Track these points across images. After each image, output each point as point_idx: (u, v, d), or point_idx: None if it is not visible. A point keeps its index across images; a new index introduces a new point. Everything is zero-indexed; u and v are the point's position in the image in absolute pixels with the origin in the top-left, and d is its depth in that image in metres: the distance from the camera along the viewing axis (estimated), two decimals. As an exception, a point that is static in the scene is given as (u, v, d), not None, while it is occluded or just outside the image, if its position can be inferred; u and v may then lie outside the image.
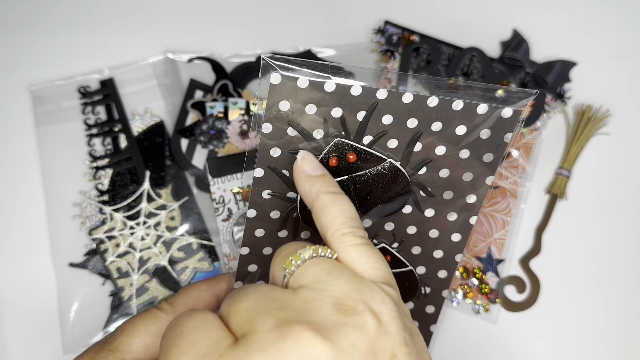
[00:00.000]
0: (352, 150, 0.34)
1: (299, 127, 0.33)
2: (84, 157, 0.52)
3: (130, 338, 0.32)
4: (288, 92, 0.32)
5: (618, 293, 0.50)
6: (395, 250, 0.38)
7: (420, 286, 0.38)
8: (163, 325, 0.33)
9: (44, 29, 0.54)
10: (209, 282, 0.36)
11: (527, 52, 0.52)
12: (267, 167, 0.34)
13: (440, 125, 0.34)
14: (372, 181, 0.35)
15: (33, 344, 0.49)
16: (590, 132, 0.51)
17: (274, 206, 0.35)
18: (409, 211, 0.36)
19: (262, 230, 0.36)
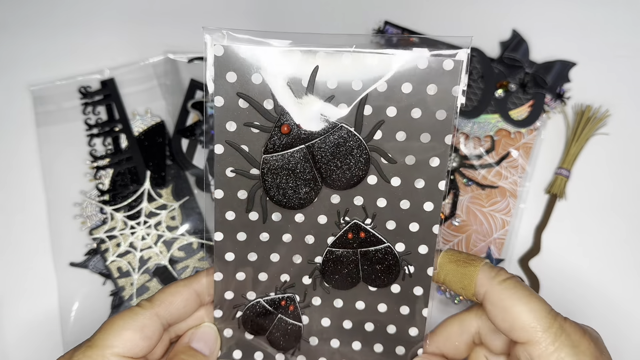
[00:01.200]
0: None
1: (249, 98, 0.34)
2: (85, 157, 0.52)
3: (108, 333, 0.33)
4: (232, 62, 0.33)
5: (618, 293, 0.50)
6: (369, 227, 0.37)
7: (403, 265, 0.37)
8: (142, 320, 0.34)
9: (45, 29, 0.54)
10: (189, 278, 0.37)
11: (527, 52, 0.52)
12: (226, 143, 0.35)
13: (385, 86, 0.34)
14: (329, 149, 0.35)
15: (33, 344, 0.49)
16: (589, 132, 0.51)
17: (239, 185, 0.36)
18: (375, 182, 0.35)
19: (233, 213, 0.36)
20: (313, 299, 0.38)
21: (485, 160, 0.51)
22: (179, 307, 0.36)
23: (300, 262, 0.37)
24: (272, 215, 0.36)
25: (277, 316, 0.38)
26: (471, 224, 0.50)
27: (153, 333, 0.35)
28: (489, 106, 0.51)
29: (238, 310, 0.38)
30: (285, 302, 0.38)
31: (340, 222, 0.36)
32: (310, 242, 0.37)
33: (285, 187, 0.36)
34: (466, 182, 0.51)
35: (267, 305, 0.38)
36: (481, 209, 0.50)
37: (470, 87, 0.52)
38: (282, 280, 0.38)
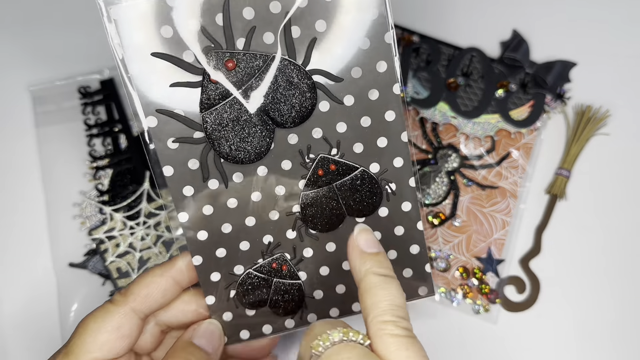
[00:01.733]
0: (229, 57, 0.31)
1: (165, 56, 0.31)
2: (84, 157, 0.52)
3: (83, 338, 0.32)
4: (135, 22, 0.30)
5: (618, 293, 0.50)
6: (337, 157, 0.34)
7: (384, 185, 0.35)
8: (116, 318, 0.32)
9: (44, 29, 0.54)
10: (163, 265, 0.35)
11: (527, 53, 0.52)
12: (158, 112, 0.32)
13: (306, 1, 0.31)
14: (270, 85, 0.32)
15: (33, 344, 0.49)
16: (590, 133, 0.51)
17: (186, 154, 0.33)
18: (328, 108, 0.33)
19: (190, 188, 0.33)
20: (304, 251, 0.36)
21: (485, 161, 0.51)
22: (156, 299, 0.34)
23: (278, 218, 0.35)
24: (233, 177, 0.34)
25: (273, 281, 0.36)
26: (471, 225, 0.50)
27: (131, 331, 0.33)
28: (489, 106, 0.51)
29: (230, 290, 0.36)
30: (276, 264, 0.36)
31: (306, 161, 0.34)
32: (282, 192, 0.34)
33: (235, 140, 0.33)
34: (466, 183, 0.51)
35: (258, 274, 0.36)
36: (481, 210, 0.50)
37: (471, 87, 0.51)
38: (265, 242, 0.35)
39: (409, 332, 0.28)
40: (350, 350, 0.26)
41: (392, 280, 0.30)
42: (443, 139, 0.51)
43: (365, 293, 0.29)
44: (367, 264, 0.30)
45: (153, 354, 0.37)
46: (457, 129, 0.51)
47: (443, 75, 0.52)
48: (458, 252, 0.50)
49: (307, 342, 0.28)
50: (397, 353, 0.26)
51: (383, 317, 0.28)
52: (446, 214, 0.50)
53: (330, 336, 0.27)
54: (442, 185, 0.51)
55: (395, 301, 0.28)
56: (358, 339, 0.27)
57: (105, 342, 0.32)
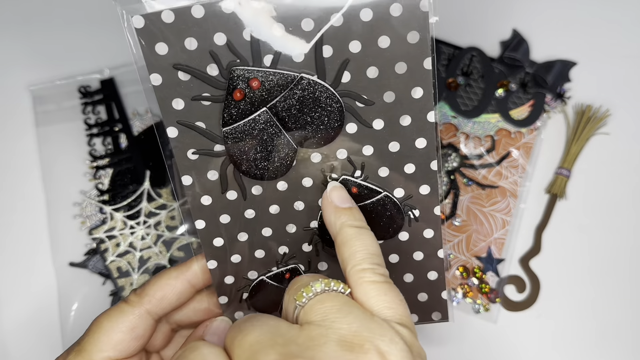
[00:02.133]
0: (254, 76, 0.30)
1: (188, 68, 0.30)
2: (85, 156, 0.52)
3: (97, 336, 0.32)
4: (158, 32, 0.29)
5: (618, 293, 0.50)
6: (360, 179, 0.33)
7: (407, 211, 0.34)
8: (131, 319, 0.32)
9: (44, 29, 0.54)
10: (179, 268, 0.35)
11: (527, 52, 0.52)
12: (179, 124, 0.31)
13: (341, 19, 0.29)
14: (294, 106, 0.31)
15: (33, 344, 0.49)
16: (590, 132, 0.51)
17: (207, 166, 0.32)
18: (355, 129, 0.31)
19: (208, 197, 0.33)
20: (319, 265, 0.35)
21: (485, 160, 0.51)
22: (171, 301, 0.34)
23: (295, 231, 0.34)
24: (252, 190, 0.33)
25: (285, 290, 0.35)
26: (471, 224, 0.50)
27: (145, 331, 0.33)
28: (489, 106, 0.51)
29: (243, 292, 0.35)
30: (289, 275, 0.35)
31: (328, 180, 0.33)
32: (300, 208, 0.34)
33: (256, 158, 0.32)
34: (466, 182, 0.51)
35: (271, 282, 0.35)
36: (481, 209, 0.50)
37: (471, 87, 0.51)
38: (281, 252, 0.35)
39: (386, 278, 0.28)
40: (332, 299, 0.27)
41: (366, 231, 0.30)
42: (443, 138, 0.51)
43: (343, 245, 0.30)
44: (342, 217, 0.31)
45: (162, 352, 0.37)
46: (457, 128, 0.51)
47: (443, 75, 0.52)
48: (458, 251, 0.50)
49: (290, 295, 0.29)
50: (376, 298, 0.27)
51: (361, 265, 0.28)
52: (446, 213, 0.50)
53: (312, 287, 0.28)
54: (442, 184, 0.51)
55: (371, 250, 0.29)
56: (339, 288, 0.28)
57: (119, 341, 0.32)
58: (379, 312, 0.27)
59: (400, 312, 0.27)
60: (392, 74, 0.30)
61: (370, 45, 0.29)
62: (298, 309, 0.27)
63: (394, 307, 0.27)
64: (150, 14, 0.29)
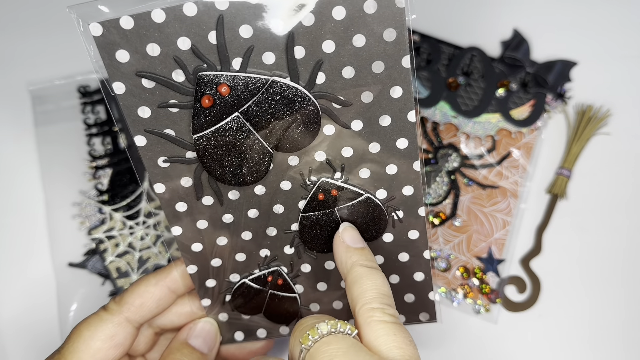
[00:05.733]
0: (223, 81, 0.29)
1: (153, 75, 0.28)
2: (84, 156, 0.51)
3: (76, 345, 0.32)
4: (118, 39, 0.27)
5: (619, 293, 0.50)
6: (340, 182, 0.32)
7: (390, 212, 0.33)
8: (110, 327, 0.32)
9: (44, 29, 0.54)
10: (158, 274, 0.35)
11: (528, 52, 0.52)
12: (146, 132, 0.30)
13: (312, 18, 0.27)
14: (267, 110, 0.29)
15: (32, 344, 0.49)
16: (590, 132, 0.51)
17: (179, 173, 0.31)
18: (333, 131, 0.30)
19: (184, 204, 0.32)
20: (302, 267, 0.34)
21: (486, 160, 0.51)
22: (150, 308, 0.34)
23: (276, 234, 0.33)
24: (228, 195, 0.32)
25: (268, 292, 0.35)
26: (472, 224, 0.50)
27: (124, 339, 0.33)
28: (489, 106, 0.51)
29: (226, 294, 0.35)
30: (272, 278, 0.35)
31: (307, 183, 0.32)
32: (280, 211, 0.33)
33: (230, 165, 0.30)
34: (467, 182, 0.50)
35: (253, 284, 0.35)
36: (482, 209, 0.50)
37: (471, 87, 0.51)
38: (262, 255, 0.34)
39: (396, 319, 0.28)
40: (338, 341, 0.26)
41: (378, 271, 0.30)
42: (443, 138, 0.51)
43: (353, 284, 0.29)
44: (354, 257, 0.30)
45: (147, 355, 0.37)
46: (457, 128, 0.51)
47: (443, 75, 0.51)
48: (459, 251, 0.50)
49: (295, 337, 0.28)
50: (385, 338, 0.27)
51: (371, 304, 0.28)
52: (447, 213, 0.50)
53: (318, 329, 0.27)
54: (442, 184, 0.51)
55: (382, 290, 0.29)
56: (346, 329, 0.27)
57: (98, 350, 0.32)
58: (387, 352, 0.26)
59: (409, 353, 0.26)
60: (369, 73, 0.29)
61: (344, 45, 0.28)
62: (304, 353, 0.27)
63: (403, 347, 0.27)
64: (108, 21, 0.27)
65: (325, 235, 0.33)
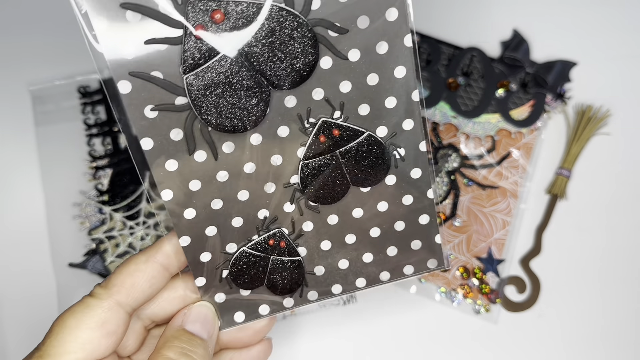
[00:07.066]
0: (216, 7, 0.27)
1: (136, 6, 0.26)
2: (84, 157, 0.51)
3: (61, 337, 0.27)
4: None
5: (619, 293, 0.50)
6: (340, 120, 0.30)
7: (392, 150, 0.31)
8: (99, 313, 0.28)
9: (44, 29, 0.54)
10: (148, 251, 0.31)
11: (527, 52, 0.52)
12: (131, 76, 0.27)
13: None
14: (263, 40, 0.27)
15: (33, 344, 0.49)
16: (590, 132, 0.51)
17: (168, 124, 0.28)
18: (330, 64, 0.29)
19: (174, 162, 0.29)
20: (304, 225, 0.32)
21: (485, 161, 0.51)
22: (143, 289, 0.30)
23: (274, 190, 0.31)
24: (222, 148, 0.30)
25: (270, 259, 0.33)
26: (472, 225, 0.50)
27: (117, 327, 0.29)
28: (489, 106, 0.51)
29: (222, 269, 0.32)
30: (273, 241, 0.32)
31: (305, 126, 0.30)
32: (278, 162, 0.31)
33: (226, 106, 0.28)
34: (467, 183, 0.50)
35: (254, 252, 0.32)
36: (482, 210, 0.50)
37: (471, 87, 0.51)
38: (260, 217, 0.32)
39: None
40: None
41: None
42: (443, 138, 0.51)
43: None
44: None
45: (134, 357, 0.33)
46: (457, 128, 0.51)
47: (443, 75, 0.51)
48: (458, 252, 0.50)
49: None
50: None
51: None
52: (446, 213, 0.50)
53: None
54: (442, 185, 0.51)
55: None
56: None
57: (88, 340, 0.27)
58: None
59: None
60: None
61: None
62: None
63: None
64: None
65: (328, 183, 0.31)
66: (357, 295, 0.49)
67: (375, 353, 0.49)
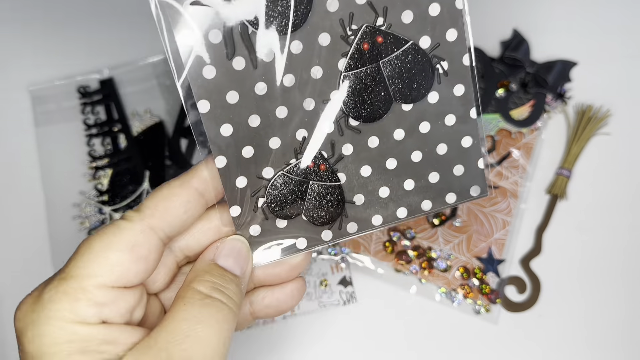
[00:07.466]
0: None
1: None
2: (84, 157, 0.51)
3: (86, 258, 0.25)
4: None
5: (619, 293, 0.50)
6: (383, 28, 0.29)
7: (435, 63, 0.30)
8: (130, 235, 0.26)
9: (44, 29, 0.54)
10: (183, 176, 0.29)
11: (528, 52, 0.52)
12: None
13: None
14: None
15: (32, 345, 0.49)
16: (590, 132, 0.51)
17: (208, 23, 0.27)
18: None
19: (212, 68, 0.27)
20: (343, 148, 0.30)
21: (486, 160, 0.51)
22: (178, 214, 0.28)
23: (314, 107, 0.29)
24: (259, 54, 0.28)
25: (309, 184, 0.30)
26: (472, 225, 0.50)
27: (149, 252, 0.26)
28: (489, 106, 0.51)
29: (259, 197, 0.30)
30: (313, 163, 0.30)
31: (348, 33, 0.28)
32: (318, 75, 0.29)
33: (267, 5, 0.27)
34: (467, 182, 0.50)
35: (292, 176, 0.30)
36: (482, 210, 0.50)
37: (471, 87, 0.51)
38: (299, 138, 0.30)
39: None
40: None
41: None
42: (443, 138, 0.51)
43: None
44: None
45: (162, 295, 0.31)
46: None
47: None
48: (459, 252, 0.50)
49: None
50: None
51: None
52: (447, 214, 0.50)
53: None
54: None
55: None
56: None
57: (116, 262, 0.25)
58: None
59: None
60: None
61: None
62: None
63: None
64: None
65: (370, 97, 0.30)
66: (357, 295, 0.49)
67: (375, 353, 0.49)
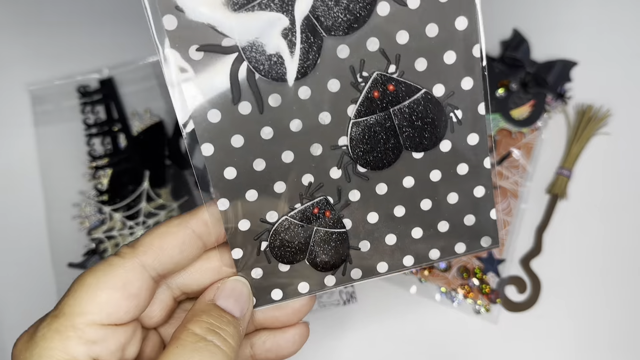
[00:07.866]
0: None
1: None
2: (84, 157, 0.51)
3: (78, 295, 0.25)
4: None
5: (619, 293, 0.50)
6: (395, 75, 0.28)
7: (448, 111, 0.29)
8: (121, 273, 0.26)
9: (44, 29, 0.54)
10: (182, 216, 0.29)
11: (528, 52, 0.52)
12: (177, 10, 0.26)
13: None
14: None
15: (32, 345, 0.49)
16: (591, 132, 0.51)
17: (214, 68, 0.27)
18: (387, 11, 0.27)
19: (217, 112, 0.27)
20: (350, 195, 0.30)
21: (486, 160, 0.51)
22: (172, 254, 0.27)
23: (321, 153, 0.29)
24: (268, 100, 0.28)
25: (314, 230, 0.30)
26: (472, 224, 0.50)
27: (140, 289, 0.26)
28: (489, 106, 0.51)
29: (262, 241, 0.30)
30: (318, 210, 0.30)
31: (358, 80, 0.28)
32: (326, 121, 0.28)
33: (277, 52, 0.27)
34: (467, 182, 0.50)
35: (297, 221, 0.30)
36: (482, 209, 0.50)
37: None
38: (305, 183, 0.29)
39: None
40: None
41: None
42: (443, 138, 0.51)
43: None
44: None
45: (161, 329, 0.31)
46: None
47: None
48: (458, 252, 0.50)
49: None
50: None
51: None
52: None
53: None
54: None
55: None
56: None
57: (107, 301, 0.25)
58: None
59: None
60: None
61: None
62: None
63: None
64: None
65: (379, 145, 0.29)
66: (357, 295, 0.49)
67: (375, 353, 0.49)
